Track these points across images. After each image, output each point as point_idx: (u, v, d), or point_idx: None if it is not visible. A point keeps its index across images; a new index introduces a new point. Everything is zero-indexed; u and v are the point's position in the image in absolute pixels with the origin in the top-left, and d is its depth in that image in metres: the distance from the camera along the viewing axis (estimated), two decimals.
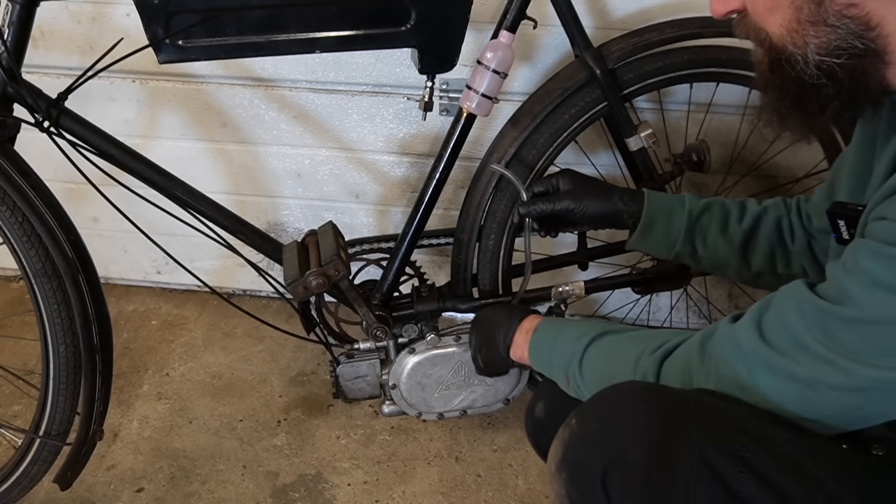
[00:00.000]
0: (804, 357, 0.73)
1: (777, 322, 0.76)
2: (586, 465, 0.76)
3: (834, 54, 0.73)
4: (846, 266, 0.72)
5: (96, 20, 1.54)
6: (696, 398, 0.77)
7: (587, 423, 0.79)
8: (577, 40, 1.27)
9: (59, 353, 1.19)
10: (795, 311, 0.75)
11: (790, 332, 0.74)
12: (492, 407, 1.35)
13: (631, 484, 0.74)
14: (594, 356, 0.94)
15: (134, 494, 1.44)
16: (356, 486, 1.46)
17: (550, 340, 1.02)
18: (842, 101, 0.75)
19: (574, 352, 0.95)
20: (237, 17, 1.11)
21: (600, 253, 1.49)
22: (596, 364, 0.93)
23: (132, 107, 1.65)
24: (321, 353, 1.73)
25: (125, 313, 1.88)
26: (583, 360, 0.94)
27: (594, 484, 0.75)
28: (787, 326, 0.75)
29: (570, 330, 1.00)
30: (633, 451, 0.74)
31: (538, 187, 1.16)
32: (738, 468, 0.72)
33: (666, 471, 0.73)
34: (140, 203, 1.20)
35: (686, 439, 0.73)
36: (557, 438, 0.80)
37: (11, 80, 1.09)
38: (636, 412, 0.76)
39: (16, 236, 1.12)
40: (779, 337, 0.75)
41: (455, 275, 1.38)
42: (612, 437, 0.76)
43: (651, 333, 0.92)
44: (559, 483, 0.79)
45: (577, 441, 0.78)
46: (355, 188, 1.71)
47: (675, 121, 1.53)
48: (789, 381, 0.74)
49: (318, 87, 1.59)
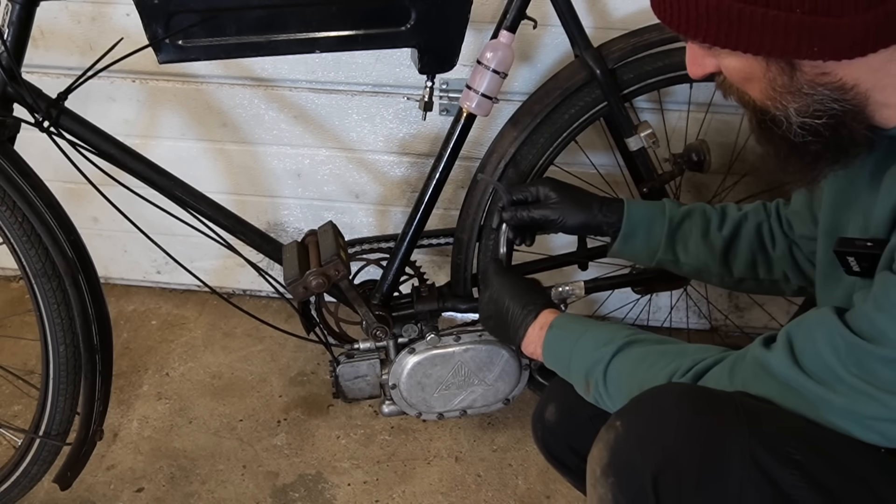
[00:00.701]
0: (841, 386, 0.73)
1: (810, 350, 0.76)
2: (635, 468, 0.75)
3: (815, 116, 0.73)
4: (878, 303, 0.71)
5: (96, 20, 1.54)
6: (741, 400, 0.76)
7: (633, 425, 0.77)
8: (577, 40, 1.27)
9: (59, 352, 1.19)
10: (827, 344, 0.74)
11: (826, 366, 0.74)
12: (492, 407, 1.35)
13: (683, 486, 0.73)
14: (622, 367, 0.91)
15: (134, 494, 1.44)
16: (356, 485, 1.46)
17: (571, 342, 0.98)
18: (831, 153, 0.76)
19: (598, 359, 0.92)
20: (237, 17, 1.11)
21: (600, 253, 1.49)
22: (624, 376, 0.90)
23: (132, 107, 1.65)
24: (321, 353, 1.73)
25: (125, 313, 1.88)
26: (608, 369, 0.91)
27: (645, 488, 0.74)
28: (820, 356, 0.74)
29: (593, 333, 0.97)
30: (684, 453, 0.73)
31: (518, 195, 1.15)
32: (790, 470, 0.71)
33: (717, 472, 0.72)
34: (140, 203, 1.20)
35: (737, 440, 0.72)
36: (601, 441, 0.78)
37: (11, 80, 1.09)
38: (684, 413, 0.75)
39: (16, 236, 1.12)
40: (814, 365, 0.75)
41: (455, 275, 1.38)
42: (662, 439, 0.74)
43: (683, 349, 0.89)
44: (605, 488, 0.77)
45: (623, 444, 0.77)
46: (355, 188, 1.71)
47: (675, 121, 1.53)
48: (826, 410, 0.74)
49: (318, 87, 1.59)
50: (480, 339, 1.30)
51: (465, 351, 1.29)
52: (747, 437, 0.72)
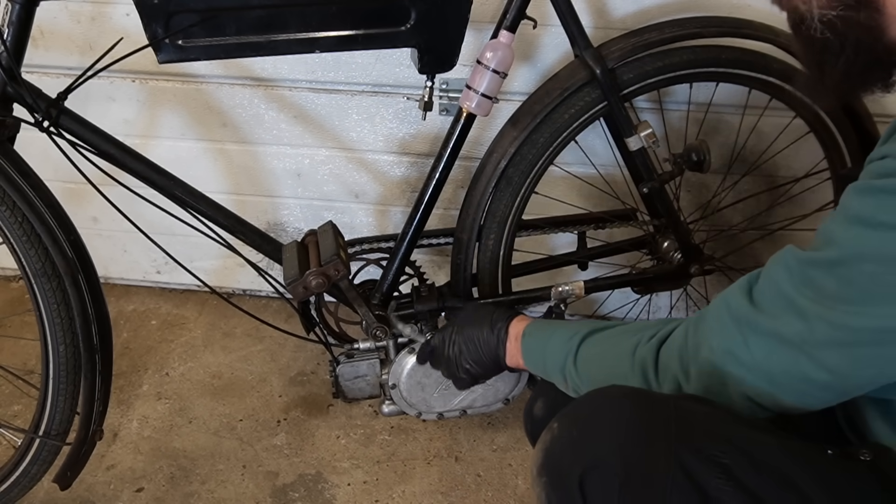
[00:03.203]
0: (791, 317, 0.73)
1: (767, 286, 0.76)
2: (564, 469, 0.76)
3: (831, 6, 0.73)
4: (833, 212, 0.72)
5: (96, 20, 1.54)
6: (677, 403, 0.77)
7: (567, 427, 0.79)
8: (577, 40, 1.26)
9: (58, 352, 1.19)
10: (783, 270, 0.75)
11: (780, 292, 0.74)
12: (491, 407, 1.35)
13: (608, 489, 0.74)
14: (589, 352, 0.94)
15: (134, 494, 1.44)
16: (356, 485, 1.46)
17: (542, 343, 1.02)
18: (848, 56, 0.75)
19: (567, 351, 0.95)
20: (237, 17, 1.11)
21: (600, 253, 1.49)
22: (592, 360, 0.93)
23: (132, 107, 1.65)
24: (321, 353, 1.73)
25: (125, 313, 1.88)
26: (577, 357, 0.94)
27: (572, 489, 0.75)
28: (777, 288, 0.75)
29: (560, 331, 1.00)
30: (611, 457, 0.74)
31: None
32: (716, 474, 0.72)
33: (643, 477, 0.73)
34: (140, 203, 1.20)
35: (664, 445, 0.73)
36: (540, 442, 0.80)
37: (11, 80, 1.09)
38: (615, 417, 0.76)
39: (16, 236, 1.12)
40: (768, 300, 0.75)
41: (455, 275, 1.38)
42: (590, 442, 0.76)
43: (644, 324, 0.92)
44: (539, 487, 0.79)
45: (556, 445, 0.78)
46: (355, 188, 1.71)
47: (675, 121, 1.53)
48: (779, 344, 0.74)
49: (317, 87, 1.59)
50: None
51: None
52: (675, 440, 0.73)
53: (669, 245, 1.42)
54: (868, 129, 1.32)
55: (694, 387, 0.81)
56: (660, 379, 0.85)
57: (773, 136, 1.50)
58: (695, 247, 1.40)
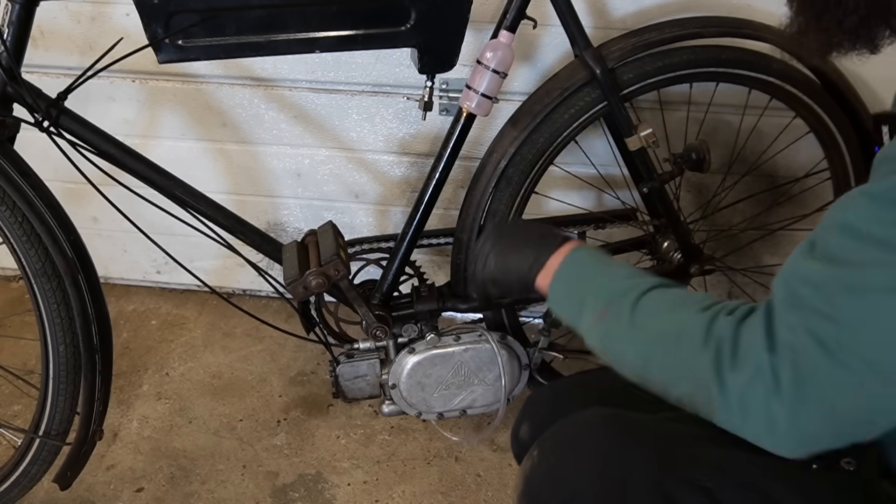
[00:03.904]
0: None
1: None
2: (543, 500, 0.76)
3: None
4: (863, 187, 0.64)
5: (96, 20, 1.54)
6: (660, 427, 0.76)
7: (545, 455, 0.78)
8: (577, 40, 1.26)
9: (58, 352, 1.19)
10: (858, 205, 0.64)
11: (857, 234, 0.63)
12: (492, 407, 1.35)
13: None
14: (653, 304, 0.78)
15: (134, 494, 1.44)
16: (356, 485, 1.46)
17: (597, 266, 0.85)
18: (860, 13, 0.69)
19: (629, 288, 0.79)
20: (237, 17, 1.11)
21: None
22: (655, 312, 0.77)
23: (132, 107, 1.65)
24: (321, 353, 1.73)
25: (125, 313, 1.88)
26: (640, 300, 0.77)
27: None
28: (853, 231, 0.63)
29: (625, 268, 0.84)
30: (588, 489, 0.73)
31: None
32: (698, 498, 0.71)
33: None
34: (140, 203, 1.20)
35: (644, 474, 0.72)
36: (521, 468, 0.80)
37: (11, 80, 1.09)
38: (594, 446, 0.75)
39: (16, 236, 1.12)
40: (845, 249, 0.64)
41: (455, 275, 1.38)
42: (568, 471, 0.75)
43: (716, 299, 0.77)
44: None
45: (535, 475, 0.78)
46: (355, 188, 1.71)
47: (675, 121, 1.53)
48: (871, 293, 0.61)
49: (317, 87, 1.59)
50: (480, 339, 1.30)
51: (465, 351, 1.29)
52: (656, 467, 0.72)
53: (669, 245, 1.42)
54: (868, 129, 1.32)
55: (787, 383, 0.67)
56: (736, 366, 0.69)
57: (773, 136, 1.50)
58: (695, 247, 1.40)
